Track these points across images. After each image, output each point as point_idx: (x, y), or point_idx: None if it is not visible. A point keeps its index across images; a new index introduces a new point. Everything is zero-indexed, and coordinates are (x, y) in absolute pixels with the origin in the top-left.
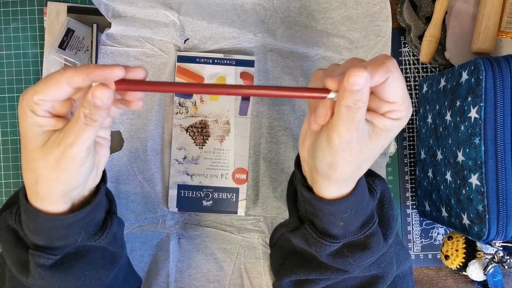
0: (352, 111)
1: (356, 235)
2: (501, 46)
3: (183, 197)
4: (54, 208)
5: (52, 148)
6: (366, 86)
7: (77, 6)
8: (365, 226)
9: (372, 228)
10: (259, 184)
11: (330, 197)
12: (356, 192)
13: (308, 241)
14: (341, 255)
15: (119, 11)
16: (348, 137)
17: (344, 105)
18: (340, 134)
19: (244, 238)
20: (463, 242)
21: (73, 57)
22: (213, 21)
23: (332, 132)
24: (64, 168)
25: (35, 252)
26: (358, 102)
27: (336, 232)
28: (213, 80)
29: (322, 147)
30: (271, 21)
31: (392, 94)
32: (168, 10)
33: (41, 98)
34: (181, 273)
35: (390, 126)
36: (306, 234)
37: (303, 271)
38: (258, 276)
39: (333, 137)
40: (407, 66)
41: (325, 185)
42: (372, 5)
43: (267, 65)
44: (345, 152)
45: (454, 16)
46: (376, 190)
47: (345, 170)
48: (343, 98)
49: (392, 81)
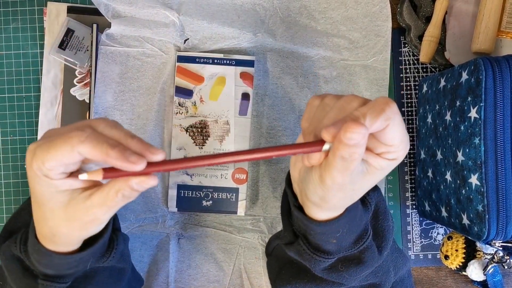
0: (347, 162)
1: (350, 250)
2: (501, 46)
3: (183, 197)
4: (69, 250)
5: (77, 213)
6: (363, 140)
7: (77, 6)
8: (359, 241)
9: (366, 243)
10: (258, 184)
11: (321, 219)
12: (347, 213)
13: (302, 256)
14: (336, 269)
15: (119, 11)
16: (341, 181)
17: (339, 156)
18: (333, 178)
19: (243, 238)
20: (463, 242)
21: (73, 57)
22: (213, 21)
23: (325, 174)
24: (88, 228)
25: (46, 282)
26: (354, 154)
27: (329, 248)
28: (213, 80)
29: (314, 183)
30: (271, 21)
31: (391, 139)
32: (168, 10)
33: (53, 165)
34: (181, 273)
35: (386, 165)
36: (299, 249)
37: (299, 282)
38: (257, 276)
39: (326, 179)
40: (407, 66)
41: (315, 211)
42: (372, 5)
43: (267, 65)
44: (337, 191)
45: (454, 16)
46: (371, 203)
47: (336, 204)
48: (338, 149)
49: (392, 127)
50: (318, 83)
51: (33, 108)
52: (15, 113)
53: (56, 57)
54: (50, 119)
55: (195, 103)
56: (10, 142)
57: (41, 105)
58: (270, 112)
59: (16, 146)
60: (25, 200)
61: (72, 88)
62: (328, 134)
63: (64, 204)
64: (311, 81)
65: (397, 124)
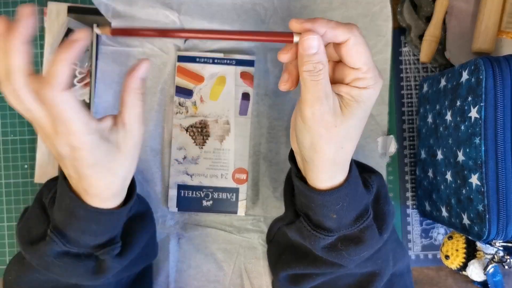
0: (314, 75)
1: (350, 228)
2: (501, 46)
3: (183, 197)
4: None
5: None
6: (321, 47)
7: (77, 6)
8: (359, 219)
9: (367, 222)
10: (259, 184)
11: (321, 187)
12: (347, 183)
13: (303, 233)
14: (335, 248)
15: (119, 11)
16: (318, 107)
17: (305, 70)
18: (311, 105)
19: (244, 238)
20: (463, 242)
21: None
22: (213, 21)
23: (303, 106)
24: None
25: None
26: (318, 64)
27: (330, 225)
28: (213, 80)
29: (300, 128)
30: (272, 21)
31: (357, 59)
32: (168, 10)
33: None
34: (181, 273)
35: (358, 95)
36: (300, 227)
37: (299, 265)
38: (258, 276)
39: (305, 111)
40: (407, 66)
41: (315, 172)
42: (373, 5)
43: (267, 64)
44: (320, 127)
45: (454, 16)
46: (372, 186)
47: (325, 149)
48: (302, 64)
49: (355, 44)
50: None
51: None
52: (15, 113)
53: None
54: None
55: (195, 103)
56: (10, 142)
57: None
58: (271, 112)
59: (16, 146)
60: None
61: (72, 88)
62: (297, 22)
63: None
64: None
65: (360, 42)
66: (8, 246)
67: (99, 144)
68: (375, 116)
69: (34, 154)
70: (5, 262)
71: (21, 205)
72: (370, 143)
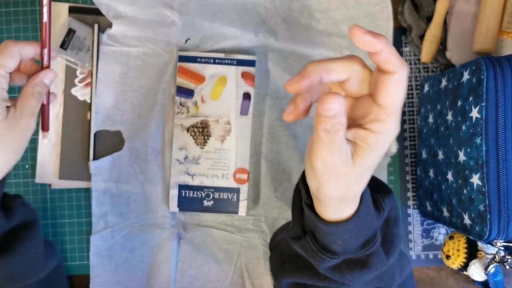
0: (331, 134)
1: (356, 253)
2: (502, 46)
3: (184, 197)
4: None
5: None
6: (341, 109)
7: (78, 6)
8: (366, 245)
9: (373, 248)
10: (260, 184)
11: (328, 219)
12: (356, 216)
13: (308, 252)
14: (339, 270)
15: (120, 11)
16: (330, 160)
17: (322, 129)
18: (323, 158)
19: (245, 238)
20: (464, 242)
21: (74, 57)
22: (214, 21)
23: (313, 156)
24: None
25: None
26: (336, 124)
27: (335, 249)
28: (214, 80)
29: (308, 171)
30: (273, 21)
31: (390, 96)
32: (169, 10)
33: None
34: (182, 273)
35: (374, 143)
36: (306, 245)
37: (302, 276)
38: (259, 276)
39: (315, 162)
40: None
41: (321, 207)
42: (373, 5)
43: (268, 65)
44: (329, 177)
45: (455, 16)
46: (384, 209)
47: (332, 194)
48: (320, 123)
49: (397, 80)
50: None
51: None
52: None
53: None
54: (51, 119)
55: (196, 103)
56: None
57: None
58: (271, 112)
59: None
60: None
61: (73, 88)
62: (292, 83)
63: (4, 117)
64: None
65: (402, 83)
66: None
67: None
68: None
69: (34, 154)
70: None
71: None
72: None
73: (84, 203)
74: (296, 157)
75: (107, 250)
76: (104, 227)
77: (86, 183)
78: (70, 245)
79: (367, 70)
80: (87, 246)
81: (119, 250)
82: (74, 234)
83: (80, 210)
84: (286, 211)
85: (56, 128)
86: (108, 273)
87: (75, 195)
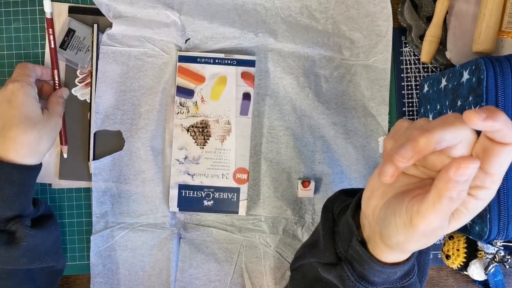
0: (453, 202)
1: (394, 284)
2: (502, 46)
3: (184, 197)
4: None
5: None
6: (474, 174)
7: (78, 6)
8: (406, 277)
9: (412, 280)
10: (260, 184)
11: (385, 260)
12: (413, 258)
13: (344, 282)
14: None
15: (120, 11)
16: (436, 226)
17: (447, 196)
18: (429, 223)
19: (245, 238)
20: (464, 242)
21: (74, 57)
22: (214, 21)
23: (419, 219)
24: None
25: None
26: (462, 192)
27: (375, 280)
28: (214, 80)
29: (397, 227)
30: (272, 21)
31: (500, 165)
32: (169, 10)
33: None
34: (182, 273)
35: (473, 207)
36: (343, 275)
37: None
38: (259, 275)
39: (418, 224)
40: (408, 66)
41: (386, 253)
42: (373, 5)
43: (268, 65)
44: (423, 238)
45: (455, 16)
46: None
47: (414, 248)
48: (446, 190)
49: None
50: (319, 83)
51: None
52: None
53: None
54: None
55: (196, 103)
56: None
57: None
58: (271, 112)
59: None
60: None
61: (74, 88)
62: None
63: (41, 113)
64: (312, 81)
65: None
66: None
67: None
68: (376, 116)
69: None
70: None
71: None
72: (370, 143)
73: (84, 203)
74: (296, 157)
75: (108, 250)
76: (104, 227)
77: (86, 183)
78: (70, 245)
79: (474, 134)
80: (87, 246)
81: (120, 250)
82: (74, 234)
83: (80, 210)
84: (286, 211)
85: None
86: (109, 273)
87: (75, 195)
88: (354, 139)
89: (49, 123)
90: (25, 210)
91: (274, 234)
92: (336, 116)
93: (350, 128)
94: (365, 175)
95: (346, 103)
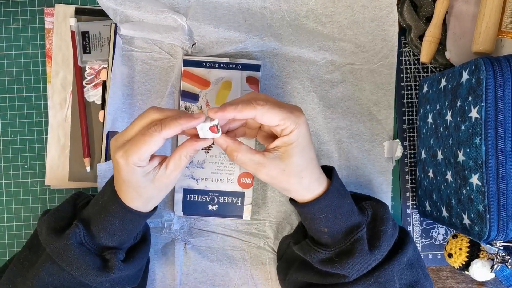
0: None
1: (343, 243)
2: (501, 46)
3: (189, 201)
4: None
5: (163, 181)
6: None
7: (84, 8)
8: (350, 233)
9: (357, 236)
10: (264, 189)
11: (305, 200)
12: (326, 194)
13: (304, 249)
14: (331, 261)
15: (127, 15)
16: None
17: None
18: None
19: (249, 243)
20: (467, 242)
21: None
22: (219, 25)
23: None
24: (169, 188)
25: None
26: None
27: (326, 240)
28: (219, 84)
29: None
30: (278, 25)
31: (271, 122)
32: (175, 14)
33: (144, 157)
34: (187, 277)
35: (288, 140)
36: (304, 244)
37: (306, 274)
38: (264, 281)
39: (259, 177)
40: (408, 66)
41: (291, 194)
42: (379, 10)
43: (273, 69)
44: (273, 180)
45: (454, 16)
46: (367, 209)
47: (287, 186)
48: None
49: (262, 115)
50: (324, 87)
51: (33, 108)
52: (16, 113)
53: (87, 65)
54: (59, 121)
55: (201, 108)
56: (10, 142)
57: (50, 107)
58: None
59: (16, 146)
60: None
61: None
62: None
63: (152, 180)
64: (317, 85)
65: (265, 111)
66: (8, 246)
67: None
68: (381, 121)
69: (34, 155)
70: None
71: (21, 205)
72: (376, 147)
73: None
74: None
75: None
76: None
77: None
78: None
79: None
80: None
81: None
82: None
83: None
84: (291, 216)
85: (64, 130)
86: None
87: None
88: (360, 143)
89: (163, 181)
90: (124, 244)
91: (279, 240)
92: (342, 121)
93: (355, 132)
94: (371, 180)
95: (351, 107)
